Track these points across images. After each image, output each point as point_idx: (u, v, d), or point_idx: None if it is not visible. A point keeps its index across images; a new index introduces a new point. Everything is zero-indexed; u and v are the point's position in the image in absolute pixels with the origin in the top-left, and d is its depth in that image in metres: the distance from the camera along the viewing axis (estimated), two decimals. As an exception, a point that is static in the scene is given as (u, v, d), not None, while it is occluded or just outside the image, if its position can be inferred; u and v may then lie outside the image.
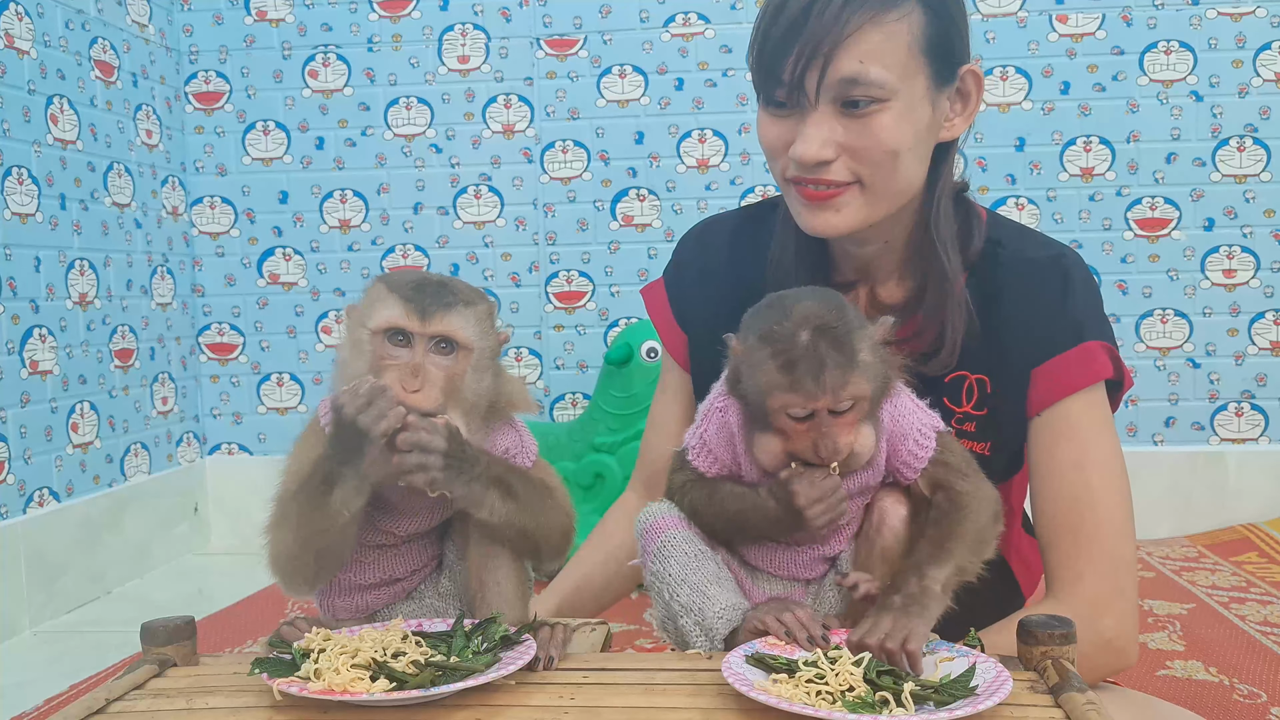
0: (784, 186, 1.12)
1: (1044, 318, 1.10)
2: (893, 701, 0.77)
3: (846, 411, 0.90)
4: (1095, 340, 1.10)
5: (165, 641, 0.93)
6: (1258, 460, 2.71)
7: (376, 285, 0.95)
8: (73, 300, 2.39)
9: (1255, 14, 2.65)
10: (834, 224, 1.07)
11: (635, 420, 2.41)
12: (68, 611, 2.29)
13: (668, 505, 1.03)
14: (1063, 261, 1.12)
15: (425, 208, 2.86)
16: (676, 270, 1.30)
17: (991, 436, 1.12)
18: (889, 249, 1.14)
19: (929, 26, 1.03)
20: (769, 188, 2.76)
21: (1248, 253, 2.69)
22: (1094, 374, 1.09)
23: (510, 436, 1.01)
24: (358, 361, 0.93)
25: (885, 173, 1.05)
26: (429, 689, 0.80)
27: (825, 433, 0.90)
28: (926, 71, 1.04)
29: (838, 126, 1.03)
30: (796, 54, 1.02)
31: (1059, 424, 1.09)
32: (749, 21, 2.74)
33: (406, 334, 0.92)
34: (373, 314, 0.93)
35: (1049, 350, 1.09)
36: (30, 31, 2.28)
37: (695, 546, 0.99)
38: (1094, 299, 1.13)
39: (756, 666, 0.84)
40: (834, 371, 0.88)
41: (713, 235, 1.29)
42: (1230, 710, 1.57)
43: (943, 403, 1.09)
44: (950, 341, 1.09)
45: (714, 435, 0.99)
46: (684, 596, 0.97)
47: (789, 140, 1.07)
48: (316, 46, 2.85)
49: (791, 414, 0.90)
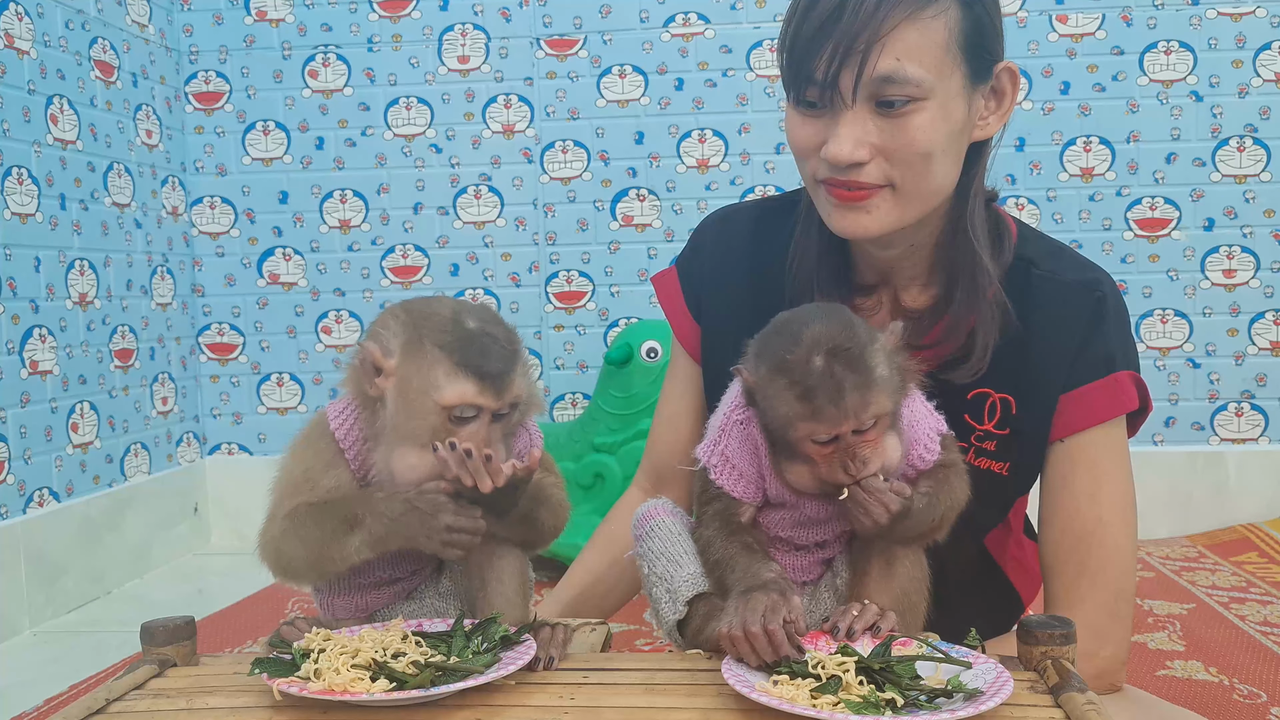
0: (813, 187, 1.09)
1: (1076, 344, 1.08)
2: (898, 700, 0.77)
3: (870, 429, 0.90)
4: (1125, 371, 1.09)
5: (165, 641, 0.93)
6: (1258, 460, 2.71)
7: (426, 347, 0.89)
8: (73, 300, 2.39)
9: (1255, 14, 2.65)
10: (865, 226, 1.04)
11: (635, 420, 2.41)
12: (68, 611, 2.29)
13: (664, 500, 1.04)
14: (1098, 288, 1.10)
15: (425, 208, 2.86)
16: (693, 257, 1.26)
17: (1012, 457, 1.11)
18: (915, 252, 1.11)
19: (965, 22, 1.00)
20: (769, 187, 2.76)
21: (1248, 253, 2.69)
22: (1120, 406, 1.09)
23: (522, 438, 1.01)
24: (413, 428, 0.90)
25: (918, 174, 1.02)
26: (429, 689, 0.80)
27: (853, 454, 0.89)
28: (962, 69, 1.01)
29: (871, 126, 1.00)
30: (830, 52, 0.98)
31: (1078, 453, 1.09)
32: (749, 21, 2.75)
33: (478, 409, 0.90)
34: (437, 389, 0.88)
35: (1079, 378, 1.08)
36: (30, 31, 2.28)
37: (679, 528, 1.00)
38: (1125, 328, 1.12)
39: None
40: (854, 395, 0.87)
41: (733, 226, 1.25)
42: (1230, 710, 1.57)
43: (963, 419, 1.08)
44: (981, 346, 1.07)
45: (736, 450, 0.97)
46: (660, 567, 0.98)
47: (821, 140, 1.03)
48: (316, 46, 2.85)
49: (816, 440, 0.90)
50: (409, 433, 0.90)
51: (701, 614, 0.96)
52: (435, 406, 0.89)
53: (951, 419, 1.00)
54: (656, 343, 2.45)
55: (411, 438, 0.90)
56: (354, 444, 0.95)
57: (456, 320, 0.91)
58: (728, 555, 0.94)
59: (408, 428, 0.90)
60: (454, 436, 0.88)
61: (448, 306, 0.92)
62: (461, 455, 0.87)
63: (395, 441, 0.91)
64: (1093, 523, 1.08)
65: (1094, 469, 1.09)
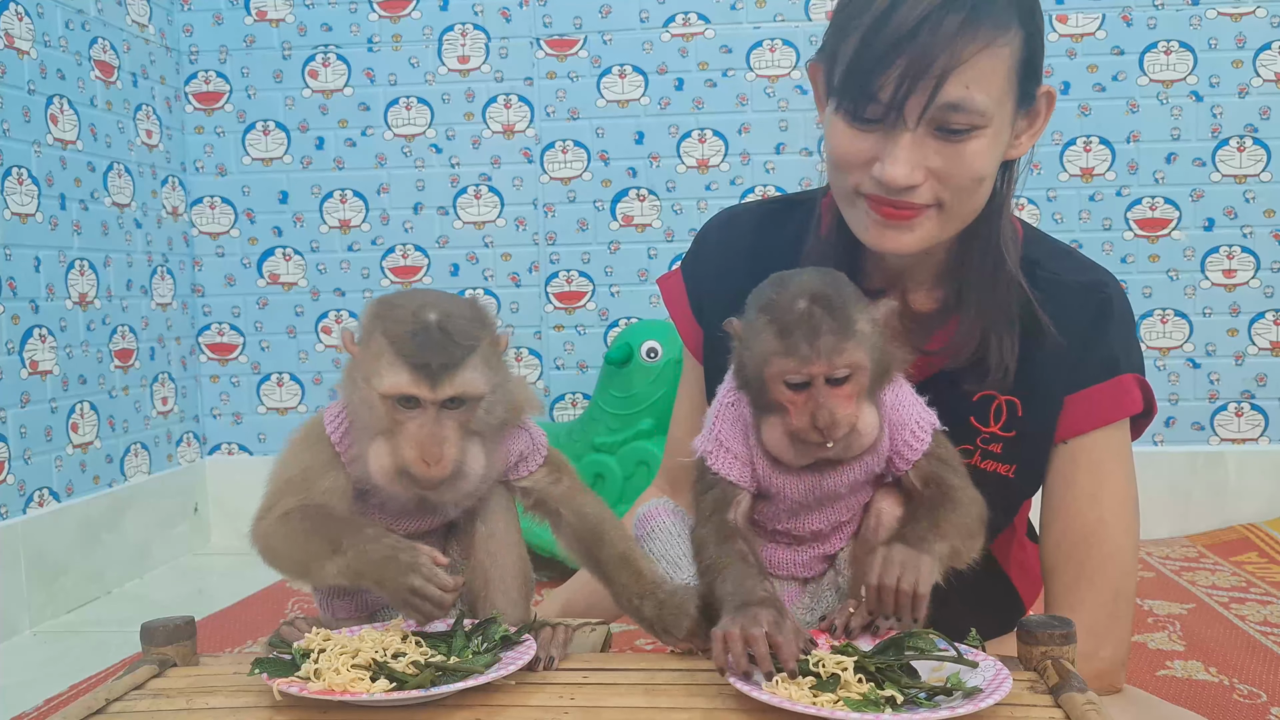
0: (849, 198, 1.06)
1: (1080, 345, 1.08)
2: (898, 697, 0.77)
3: (844, 382, 0.90)
4: (1129, 373, 1.09)
5: (165, 641, 0.93)
6: (1258, 460, 2.71)
7: (377, 336, 0.91)
8: (73, 300, 2.39)
9: (1255, 14, 2.65)
10: (905, 243, 1.03)
11: (635, 420, 2.41)
12: (68, 611, 2.29)
13: (665, 500, 1.05)
14: (1104, 290, 1.10)
15: (425, 208, 2.86)
16: (696, 260, 1.26)
17: (1018, 459, 1.10)
18: (927, 258, 1.11)
19: (1024, 49, 0.99)
20: (769, 187, 2.76)
21: (1248, 253, 2.69)
22: (1124, 409, 1.09)
23: (523, 440, 1.01)
24: (368, 418, 0.91)
25: (967, 196, 1.01)
26: (429, 689, 0.80)
27: (822, 403, 0.89)
28: (1014, 94, 1.01)
29: (929, 150, 0.98)
30: (901, 73, 0.95)
31: (1081, 455, 1.09)
32: (749, 21, 2.74)
33: (416, 399, 0.90)
34: (378, 377, 0.90)
35: (1083, 379, 1.08)
36: (30, 31, 2.28)
37: (679, 529, 1.01)
38: (1131, 330, 1.12)
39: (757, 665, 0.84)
40: (828, 337, 0.89)
41: (735, 228, 1.24)
42: (1230, 710, 1.57)
43: (969, 422, 1.09)
44: (997, 358, 1.06)
45: (728, 431, 0.98)
46: (660, 569, 0.99)
47: (871, 157, 1.00)
48: (316, 46, 2.85)
49: (789, 381, 0.90)
50: (366, 422, 0.92)
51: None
52: (377, 395, 0.90)
53: (958, 421, 1.00)
54: (656, 343, 2.45)
55: (368, 427, 0.92)
56: (349, 448, 0.95)
57: (416, 313, 0.91)
58: (721, 562, 0.93)
59: (364, 417, 0.92)
60: (404, 425, 0.89)
61: (419, 300, 0.92)
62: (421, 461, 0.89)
63: (361, 433, 0.93)
64: (1094, 524, 1.08)
65: (1096, 471, 1.09)
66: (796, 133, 2.76)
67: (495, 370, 0.93)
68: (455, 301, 0.94)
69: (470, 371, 0.90)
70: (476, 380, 0.90)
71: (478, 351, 0.91)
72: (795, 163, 2.76)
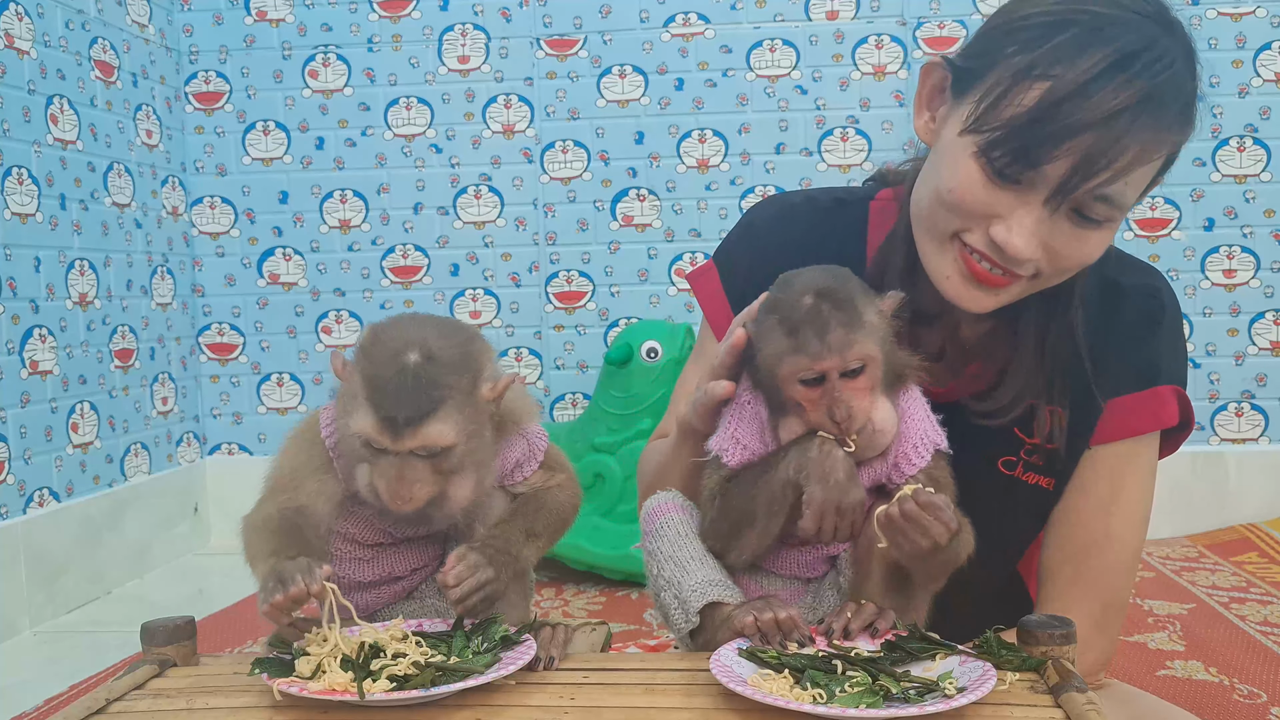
0: (942, 241, 0.98)
1: (1123, 350, 1.05)
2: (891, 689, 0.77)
3: (858, 375, 0.90)
4: (1168, 385, 1.06)
5: (165, 641, 0.93)
6: (1258, 460, 2.71)
7: (356, 373, 0.90)
8: (73, 300, 2.39)
9: (1255, 14, 2.65)
10: (986, 304, 0.97)
11: (635, 420, 2.41)
12: (68, 611, 2.29)
13: (673, 493, 1.04)
14: (1157, 295, 1.06)
15: (425, 208, 2.86)
16: (744, 248, 1.18)
17: (1057, 472, 1.07)
18: None
19: (1172, 154, 0.96)
20: (769, 188, 2.76)
21: (1248, 253, 2.69)
22: (1158, 421, 1.06)
23: (519, 447, 1.00)
24: (350, 445, 0.92)
25: (1066, 274, 0.97)
26: (429, 689, 0.80)
27: (837, 397, 0.89)
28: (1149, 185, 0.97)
29: (1056, 229, 0.92)
30: (1081, 159, 0.87)
31: (1102, 463, 1.07)
32: (749, 21, 2.74)
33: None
34: (351, 417, 0.89)
35: (1121, 386, 1.05)
36: (30, 31, 2.28)
37: (687, 528, 1.00)
38: (1178, 338, 1.08)
39: (749, 660, 0.84)
40: (838, 331, 0.89)
41: (792, 221, 1.17)
42: (1230, 710, 1.57)
43: (1012, 432, 1.05)
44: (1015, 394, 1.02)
45: (745, 429, 0.98)
46: (668, 572, 0.98)
47: (994, 214, 0.92)
48: (316, 46, 2.85)
49: (803, 379, 0.90)
50: (347, 447, 0.92)
51: (714, 623, 0.95)
52: (350, 432, 0.90)
53: (1001, 432, 0.98)
54: (656, 343, 2.46)
55: (350, 453, 0.92)
56: (340, 456, 0.95)
57: (397, 354, 0.89)
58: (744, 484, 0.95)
59: (348, 442, 0.92)
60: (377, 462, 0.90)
61: (405, 336, 0.90)
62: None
63: (347, 453, 0.93)
64: (1100, 534, 1.06)
65: (1115, 481, 1.07)
66: (796, 133, 2.76)
67: (470, 418, 0.90)
68: (445, 339, 0.91)
69: (438, 424, 0.88)
70: (445, 432, 0.88)
71: (450, 401, 0.89)
72: (795, 163, 2.76)
